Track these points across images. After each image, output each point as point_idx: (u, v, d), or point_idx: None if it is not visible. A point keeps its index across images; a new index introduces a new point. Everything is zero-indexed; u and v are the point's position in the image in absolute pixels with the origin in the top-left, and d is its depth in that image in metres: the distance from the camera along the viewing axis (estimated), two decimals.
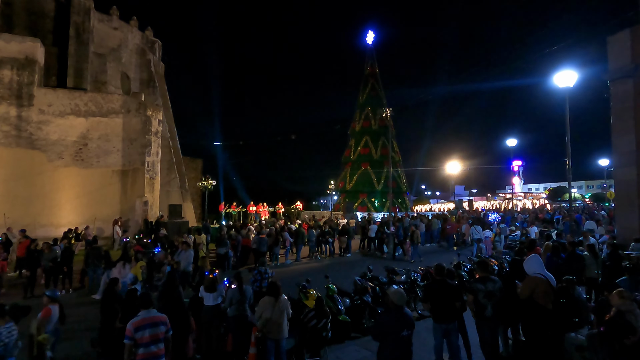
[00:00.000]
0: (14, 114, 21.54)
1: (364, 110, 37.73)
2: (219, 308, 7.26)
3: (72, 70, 25.11)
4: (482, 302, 6.05)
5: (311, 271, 14.98)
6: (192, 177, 35.48)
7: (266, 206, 33.86)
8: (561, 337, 6.03)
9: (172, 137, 30.70)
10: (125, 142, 23.77)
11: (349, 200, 36.03)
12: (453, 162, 40.96)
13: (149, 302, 5.19)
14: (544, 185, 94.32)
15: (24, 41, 22.21)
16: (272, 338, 6.13)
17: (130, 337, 4.82)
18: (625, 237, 12.97)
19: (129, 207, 23.11)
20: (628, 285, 6.93)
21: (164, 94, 32.56)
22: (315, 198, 68.32)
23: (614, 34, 13.99)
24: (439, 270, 6.55)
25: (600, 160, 44.93)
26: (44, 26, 25.39)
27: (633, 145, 13.30)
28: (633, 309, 5.20)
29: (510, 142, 39.57)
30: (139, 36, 30.96)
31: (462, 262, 11.91)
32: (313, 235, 18.77)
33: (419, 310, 9.61)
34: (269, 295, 6.30)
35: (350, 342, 7.97)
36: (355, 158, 37.32)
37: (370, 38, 39.76)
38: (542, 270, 6.20)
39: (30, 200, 21.21)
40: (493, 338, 6.24)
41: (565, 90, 15.00)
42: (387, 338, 4.95)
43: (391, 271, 10.79)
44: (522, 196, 62.93)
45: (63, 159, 22.43)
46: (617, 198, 14.76)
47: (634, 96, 13.32)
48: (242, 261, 16.55)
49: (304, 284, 8.46)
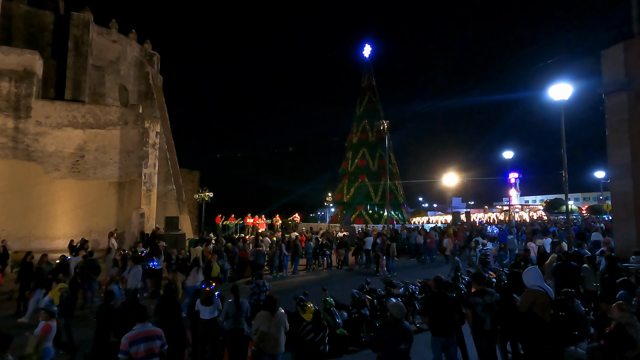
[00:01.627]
0: (11, 126, 21.50)
1: (361, 123, 37.85)
2: (215, 322, 7.17)
3: (70, 82, 25.19)
4: (481, 315, 5.98)
5: (308, 284, 14.87)
6: (189, 189, 35.40)
7: (264, 218, 33.73)
8: (561, 351, 5.97)
9: (170, 149, 30.69)
10: (122, 154, 23.73)
11: (346, 212, 35.96)
12: (450, 175, 41.09)
13: (145, 315, 5.10)
14: (540, 197, 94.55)
15: (22, 53, 22.30)
16: (268, 353, 6.03)
17: (125, 352, 4.71)
18: (622, 249, 12.96)
19: (125, 219, 22.96)
20: (627, 298, 6.90)
21: (162, 106, 32.64)
22: (313, 210, 68.14)
23: (607, 48, 14.18)
24: (438, 282, 6.51)
25: (597, 173, 45.09)
26: (43, 39, 25.53)
27: (629, 158, 13.38)
28: (633, 321, 5.17)
29: (506, 155, 39.74)
30: (137, 49, 31.16)
31: (460, 275, 11.86)
32: (310, 247, 18.67)
33: (417, 324, 9.52)
34: (265, 310, 6.20)
35: (348, 356, 7.88)
36: (352, 170, 37.32)
37: (368, 51, 40.11)
38: (541, 282, 6.17)
39: (26, 213, 21.05)
40: (491, 351, 6.17)
41: (561, 103, 15.11)
42: (386, 351, 4.90)
43: (389, 284, 10.73)
44: (519, 208, 63.05)
45: (60, 171, 22.34)
46: (614, 210, 14.79)
47: (629, 109, 13.45)
48: (239, 274, 16.43)
49: (301, 297, 8.39)
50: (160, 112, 31.31)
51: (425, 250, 21.57)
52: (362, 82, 39.99)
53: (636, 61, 13.32)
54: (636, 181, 13.19)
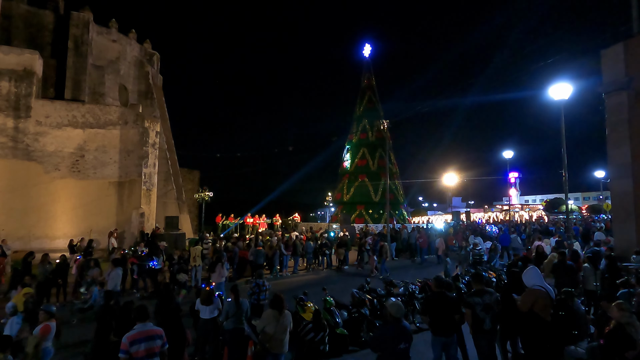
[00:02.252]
0: (11, 126, 21.50)
1: (361, 122, 37.84)
2: (215, 321, 7.16)
3: (70, 82, 25.19)
4: (480, 315, 5.97)
5: (308, 284, 14.86)
6: (189, 189, 35.42)
7: (264, 218, 33.74)
8: (560, 350, 5.97)
9: (170, 148, 30.70)
10: (122, 153, 23.73)
11: (346, 212, 35.95)
12: (450, 174, 41.04)
13: (146, 315, 5.09)
14: (540, 196, 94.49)
15: (22, 53, 22.29)
16: (273, 352, 6.03)
17: (125, 351, 4.69)
18: (622, 248, 12.94)
19: (125, 219, 22.96)
20: (626, 298, 6.89)
21: (162, 106, 32.64)
22: (313, 210, 68.16)
23: (607, 47, 14.15)
24: (438, 282, 6.50)
25: (597, 172, 45.08)
26: (43, 38, 25.54)
27: (629, 157, 13.36)
28: (633, 321, 5.16)
29: (506, 154, 39.73)
30: (137, 48, 31.15)
31: (459, 275, 11.87)
32: (310, 247, 18.66)
33: (417, 323, 9.52)
34: (272, 309, 6.16)
35: (348, 356, 7.87)
36: (352, 170, 37.31)
37: (367, 51, 40.10)
38: (542, 282, 6.16)
39: (26, 212, 21.06)
40: (491, 351, 6.17)
41: (561, 102, 15.09)
42: (385, 351, 4.90)
43: (389, 283, 10.73)
44: (519, 208, 63.03)
45: (60, 171, 22.34)
46: (614, 210, 14.77)
47: (629, 108, 13.42)
48: (239, 273, 16.44)
49: (301, 297, 8.39)
50: (160, 111, 31.31)
51: (418, 250, 21.33)
52: (362, 81, 39.98)
53: (636, 60, 13.30)
54: (636, 181, 13.17)
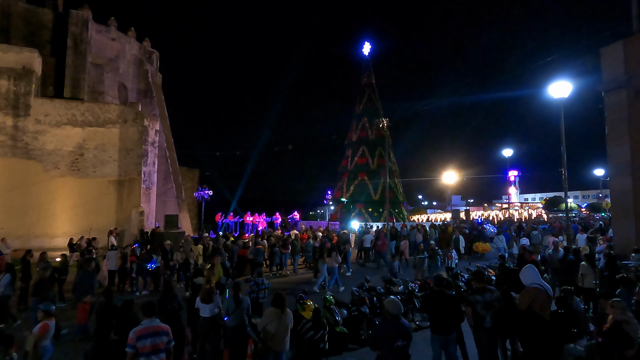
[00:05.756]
0: (10, 124, 21.49)
1: (360, 121, 37.80)
2: (215, 319, 7.17)
3: (69, 80, 25.15)
4: (481, 313, 5.97)
5: (308, 282, 14.87)
6: (189, 187, 35.38)
7: (264, 216, 33.73)
8: (560, 348, 5.98)
9: (169, 147, 30.67)
10: (121, 152, 23.71)
11: (345, 210, 35.94)
12: (449, 172, 41.08)
13: (153, 311, 5.15)
14: (540, 195, 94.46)
15: (21, 51, 22.26)
16: (275, 350, 6.06)
17: (132, 346, 4.78)
18: (622, 247, 12.96)
19: (124, 218, 22.97)
20: (625, 296, 6.90)
21: (161, 104, 32.60)
22: (313, 208, 68.13)
23: (607, 46, 14.16)
24: (438, 280, 6.51)
25: (596, 170, 45.14)
26: (42, 37, 25.48)
27: (628, 155, 13.37)
28: (629, 319, 5.17)
29: (506, 153, 39.79)
30: (136, 47, 31.10)
31: (459, 273, 11.89)
32: (310, 245, 18.66)
33: (417, 321, 9.54)
34: (274, 307, 6.20)
35: (348, 354, 7.89)
36: (352, 168, 37.28)
37: (367, 49, 40.03)
38: (539, 280, 6.17)
39: (25, 211, 21.06)
40: (492, 349, 6.17)
41: (560, 100, 15.10)
42: (384, 348, 4.91)
43: (388, 282, 10.75)
44: (519, 206, 63.03)
45: (59, 169, 22.33)
46: (613, 208, 14.79)
47: (628, 106, 13.43)
48: (239, 271, 16.45)
49: (301, 295, 8.39)
50: (160, 110, 31.28)
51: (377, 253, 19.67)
52: (361, 79, 39.93)
53: (636, 59, 13.31)
54: (635, 179, 13.18)
